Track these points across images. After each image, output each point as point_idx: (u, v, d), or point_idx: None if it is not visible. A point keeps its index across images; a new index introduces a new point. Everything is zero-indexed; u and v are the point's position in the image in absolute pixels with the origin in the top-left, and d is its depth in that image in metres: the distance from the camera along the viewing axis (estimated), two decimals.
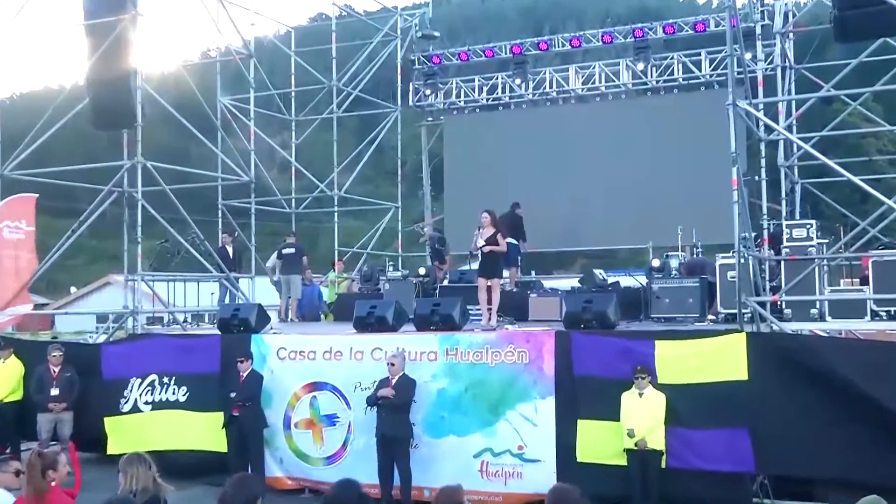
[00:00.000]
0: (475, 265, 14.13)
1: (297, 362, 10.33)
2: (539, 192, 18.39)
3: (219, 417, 10.15)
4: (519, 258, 14.56)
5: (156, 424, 10.82)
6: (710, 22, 17.11)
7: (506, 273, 12.82)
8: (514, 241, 14.48)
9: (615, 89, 18.60)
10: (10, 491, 4.72)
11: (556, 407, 9.02)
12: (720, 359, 8.53)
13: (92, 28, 12.30)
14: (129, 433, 10.89)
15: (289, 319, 14.85)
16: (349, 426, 9.92)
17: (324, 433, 10.06)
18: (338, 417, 10.01)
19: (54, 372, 11.10)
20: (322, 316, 16.03)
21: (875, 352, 8.45)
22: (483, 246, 10.88)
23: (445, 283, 14.70)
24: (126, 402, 11.09)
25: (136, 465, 4.66)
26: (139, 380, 11.05)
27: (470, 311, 10.96)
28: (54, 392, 10.99)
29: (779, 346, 8.61)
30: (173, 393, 10.80)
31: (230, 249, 15.09)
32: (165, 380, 10.89)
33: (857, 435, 8.00)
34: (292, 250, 15.14)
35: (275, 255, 15.45)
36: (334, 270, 17.54)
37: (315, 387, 10.19)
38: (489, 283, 10.95)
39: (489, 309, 10.88)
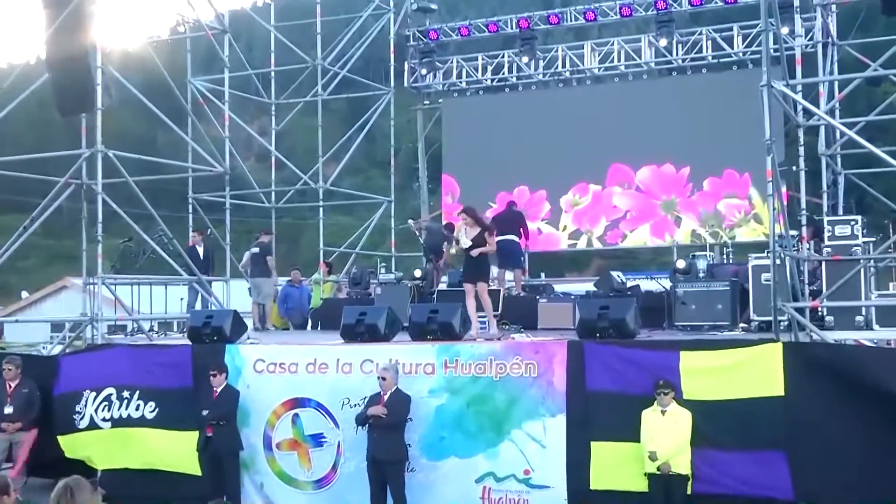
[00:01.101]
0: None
1: (276, 376, 10.33)
2: (549, 184, 18.43)
3: (192, 437, 10.18)
4: (524, 259, 14.56)
5: (118, 443, 10.81)
6: None
7: (495, 271, 12.87)
8: (515, 238, 14.47)
9: (635, 69, 18.61)
10: None
11: (567, 426, 9.02)
12: (753, 372, 8.52)
13: None
14: (88, 452, 10.89)
15: (264, 327, 14.84)
16: (338, 447, 9.93)
17: (311, 455, 10.07)
18: (325, 437, 10.01)
19: (9, 387, 11.08)
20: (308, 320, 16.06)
21: None
22: (470, 247, 10.92)
23: (444, 286, 14.70)
24: (81, 418, 11.09)
25: (70, 498, 4.64)
26: (94, 393, 11.06)
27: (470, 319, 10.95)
28: (8, 410, 10.95)
29: (819, 357, 8.61)
30: (137, 409, 10.79)
31: (200, 249, 15.10)
32: (126, 394, 10.88)
33: None
34: (257, 250, 15.16)
35: (247, 254, 15.48)
36: (319, 272, 17.53)
37: (297, 403, 10.19)
38: (476, 288, 11.03)
39: (482, 317, 10.88)
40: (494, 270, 13.06)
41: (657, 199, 17.69)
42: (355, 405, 9.73)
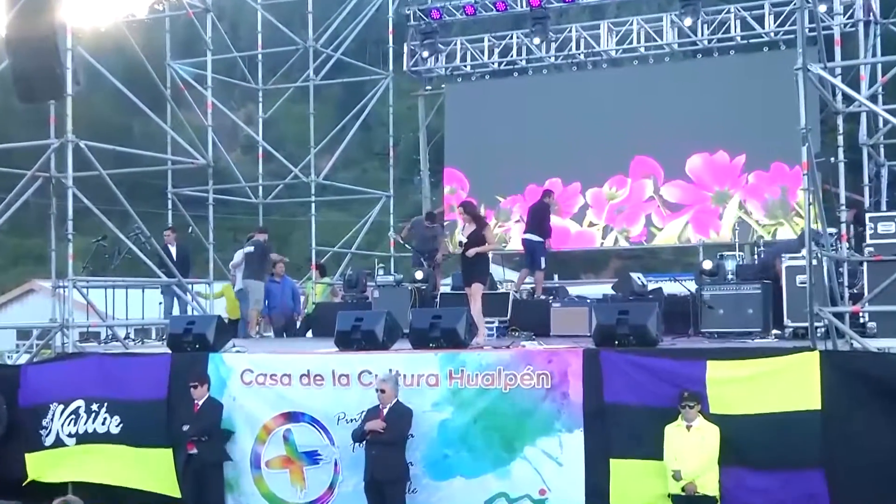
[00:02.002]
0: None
1: (266, 388, 10.34)
2: (563, 177, 18.41)
3: (164, 455, 10.17)
4: (544, 259, 14.57)
5: (85, 462, 10.84)
6: None
7: (514, 276, 12.94)
8: (538, 238, 14.52)
9: (657, 50, 18.62)
10: None
11: (584, 442, 9.03)
12: (788, 383, 8.52)
13: None
14: (57, 473, 10.89)
15: (255, 335, 14.85)
16: (335, 465, 9.95)
17: (305, 472, 10.09)
18: (320, 455, 10.03)
19: None
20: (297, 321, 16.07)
21: None
22: (466, 246, 10.97)
23: (447, 289, 14.75)
24: (48, 434, 11.11)
25: None
26: (61, 406, 11.07)
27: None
28: None
29: (860, 367, 8.60)
30: (104, 423, 10.81)
31: (173, 249, 15.13)
32: (94, 407, 10.90)
33: None
34: (251, 248, 15.23)
35: (240, 253, 15.50)
36: (312, 275, 17.59)
37: (290, 418, 10.21)
38: (468, 290, 11.04)
39: (489, 322, 10.99)
40: (508, 273, 13.12)
41: (708, 189, 17.58)
42: (352, 420, 9.74)
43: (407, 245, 16.53)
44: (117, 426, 10.77)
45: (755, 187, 17.19)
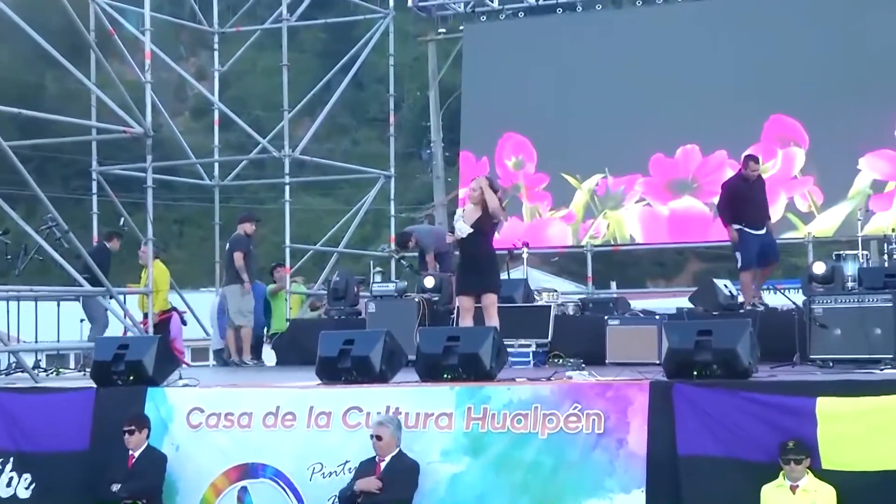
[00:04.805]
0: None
1: (220, 431, 10.34)
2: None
3: None
4: (740, 257, 14.42)
5: None
6: None
7: (555, 281, 13.01)
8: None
9: None
10: None
11: None
12: None
13: None
14: None
15: (237, 362, 15.06)
16: None
17: None
18: None
19: None
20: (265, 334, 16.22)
21: None
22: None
23: None
24: None
25: None
26: None
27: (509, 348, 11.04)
28: None
29: None
30: (8, 484, 10.79)
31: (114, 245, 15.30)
32: None
33: None
34: (227, 247, 15.50)
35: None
36: (277, 279, 17.51)
37: (247, 472, 10.18)
38: (479, 303, 11.18)
39: (523, 345, 11.05)
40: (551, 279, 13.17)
41: None
42: (332, 474, 9.73)
43: (398, 256, 16.61)
44: (27, 488, 10.76)
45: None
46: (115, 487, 9.95)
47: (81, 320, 15.12)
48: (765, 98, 17.90)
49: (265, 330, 16.60)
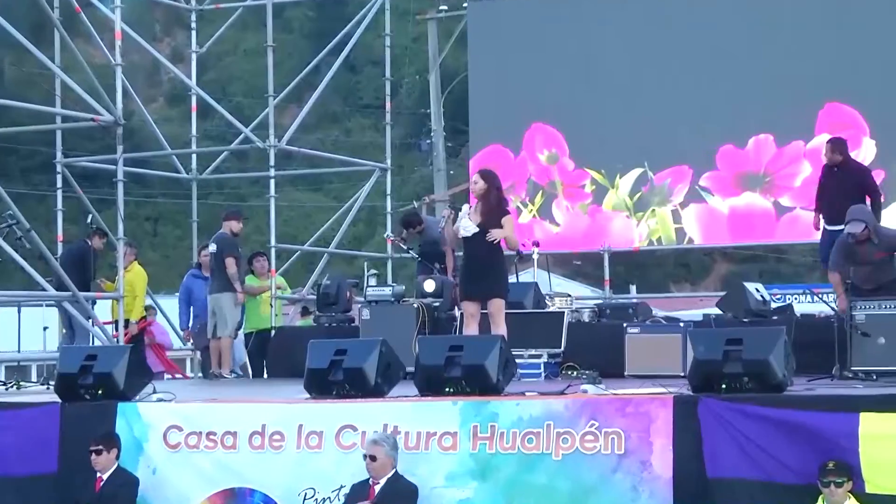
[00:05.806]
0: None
1: (202, 453, 10.35)
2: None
3: None
4: None
5: None
6: None
7: (568, 285, 13.06)
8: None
9: None
10: None
11: None
12: None
13: None
14: None
15: (221, 375, 15.06)
16: None
17: None
18: None
19: None
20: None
21: None
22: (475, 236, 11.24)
23: None
24: None
25: None
26: None
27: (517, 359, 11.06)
28: None
29: None
30: None
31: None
32: None
33: None
34: (214, 248, 15.41)
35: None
36: (257, 275, 17.43)
37: (233, 498, 10.21)
38: (485, 310, 11.24)
39: (534, 356, 11.11)
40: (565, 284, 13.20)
41: None
42: (325, 500, 9.75)
43: (404, 246, 16.56)
44: None
45: None
46: None
47: (45, 328, 15.14)
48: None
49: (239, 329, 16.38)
